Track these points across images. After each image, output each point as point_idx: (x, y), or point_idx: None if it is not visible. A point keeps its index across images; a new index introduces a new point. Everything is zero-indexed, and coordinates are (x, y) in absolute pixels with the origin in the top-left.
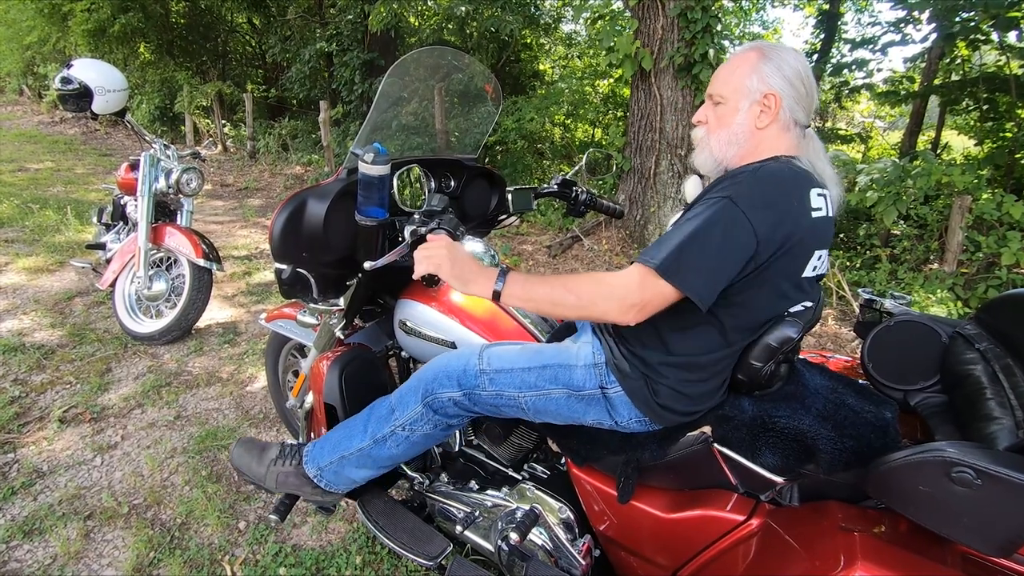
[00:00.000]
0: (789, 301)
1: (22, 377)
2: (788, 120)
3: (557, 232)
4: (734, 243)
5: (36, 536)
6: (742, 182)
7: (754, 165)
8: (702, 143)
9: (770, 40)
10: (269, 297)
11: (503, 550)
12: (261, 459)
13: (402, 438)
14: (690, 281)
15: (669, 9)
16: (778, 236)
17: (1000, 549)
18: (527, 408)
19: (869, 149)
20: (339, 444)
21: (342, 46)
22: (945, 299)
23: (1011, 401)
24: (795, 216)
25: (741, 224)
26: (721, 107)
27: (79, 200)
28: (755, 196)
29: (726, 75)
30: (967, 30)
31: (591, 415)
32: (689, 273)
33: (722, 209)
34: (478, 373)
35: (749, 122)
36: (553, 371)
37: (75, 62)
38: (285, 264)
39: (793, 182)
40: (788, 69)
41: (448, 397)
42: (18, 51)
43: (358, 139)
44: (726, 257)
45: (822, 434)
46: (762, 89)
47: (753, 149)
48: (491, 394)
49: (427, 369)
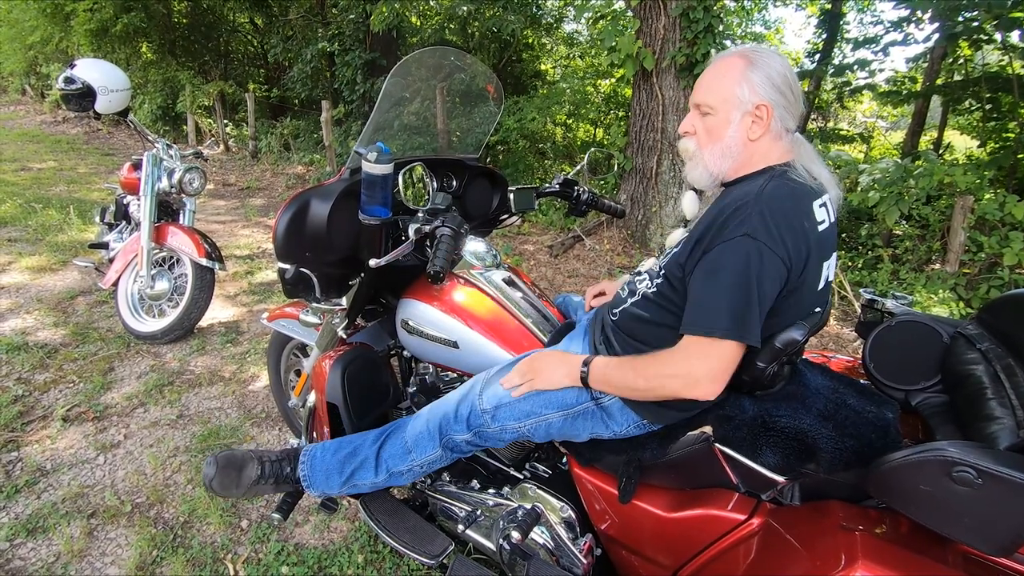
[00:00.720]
0: (806, 311)
1: (25, 376)
2: (780, 129)
3: (559, 232)
4: (768, 279)
5: (40, 534)
6: (751, 214)
7: (751, 188)
8: (695, 158)
9: (754, 44)
10: (271, 296)
11: (505, 549)
12: (240, 481)
13: (419, 472)
14: (751, 333)
15: (671, 9)
16: (801, 258)
17: (1001, 548)
18: (531, 434)
19: (871, 149)
20: (341, 472)
21: (344, 46)
22: (947, 299)
23: (1012, 401)
24: (807, 235)
25: (768, 258)
26: (710, 118)
27: (82, 199)
28: (770, 227)
29: (713, 83)
30: (970, 30)
31: (587, 429)
32: (748, 325)
33: (746, 250)
34: (480, 413)
35: (741, 134)
36: (544, 396)
37: (78, 62)
38: (288, 264)
39: (796, 201)
40: (776, 76)
41: (462, 439)
42: (21, 51)
43: (361, 139)
44: (766, 295)
45: (823, 434)
46: (754, 100)
47: (747, 161)
48: (496, 430)
49: (436, 413)
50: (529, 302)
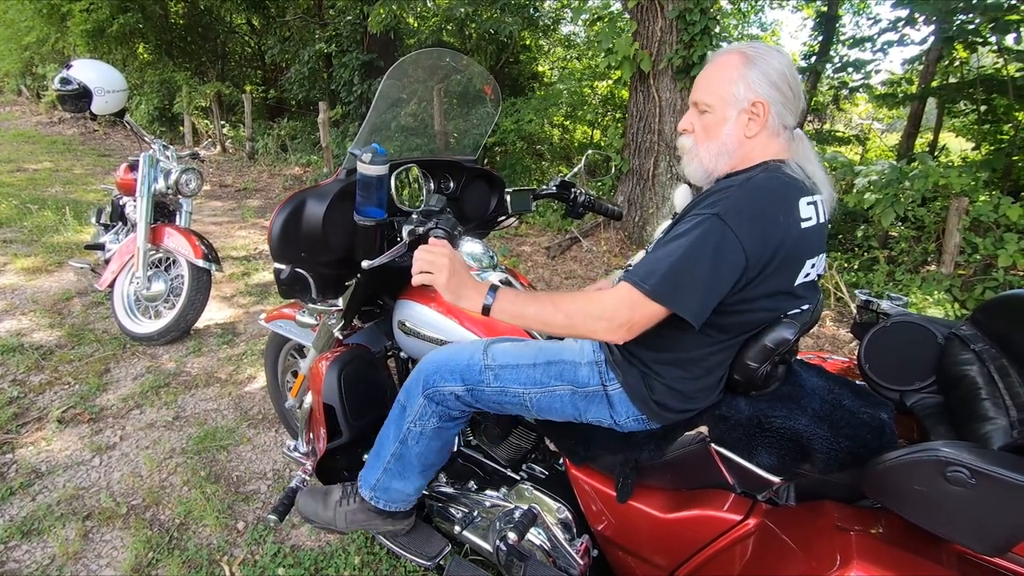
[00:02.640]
0: (783, 307)
1: (20, 377)
2: (777, 126)
3: (556, 233)
4: (724, 262)
5: (35, 536)
6: (730, 197)
7: (742, 176)
8: (691, 153)
9: (754, 41)
10: (268, 297)
11: (501, 550)
12: (326, 503)
13: (417, 434)
14: (682, 302)
15: (668, 11)
16: (768, 251)
17: (995, 548)
18: (531, 405)
19: (867, 151)
20: (378, 456)
21: (341, 47)
22: (942, 300)
23: (1006, 401)
24: (784, 229)
25: (730, 242)
26: (708, 116)
27: (78, 200)
28: (743, 212)
29: (710, 82)
30: (966, 32)
31: (592, 412)
32: (681, 294)
33: (711, 227)
34: (483, 369)
35: (738, 132)
36: (558, 367)
37: (74, 62)
38: (284, 264)
39: (781, 194)
40: (774, 73)
41: (450, 391)
42: (17, 51)
43: (357, 140)
44: (716, 276)
45: (818, 434)
46: (750, 97)
47: (743, 158)
48: (495, 390)
49: (427, 361)
50: None
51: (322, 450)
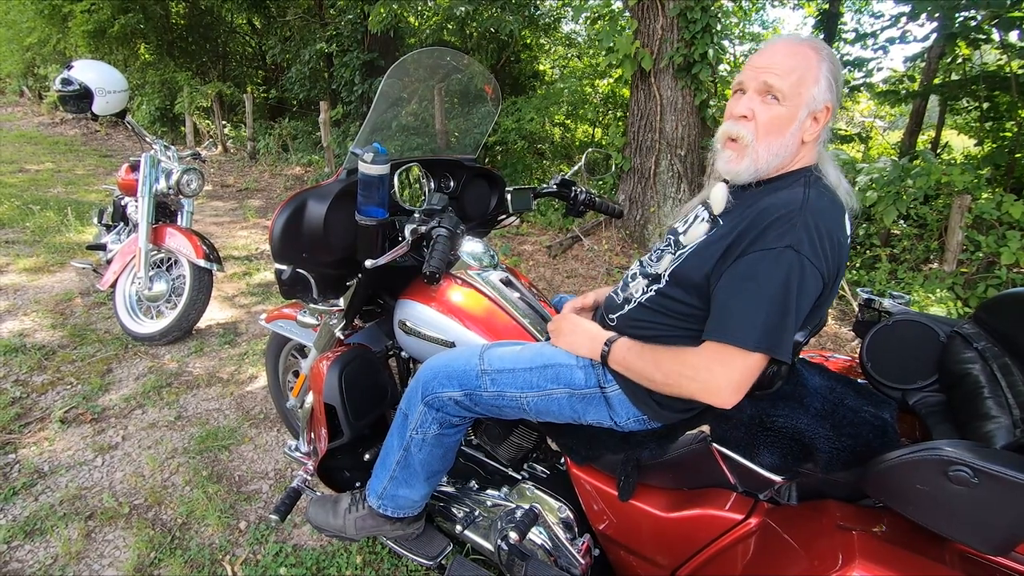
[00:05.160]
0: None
1: (23, 378)
2: (827, 133)
3: (557, 232)
4: (806, 295)
5: (37, 536)
6: (797, 226)
7: (795, 195)
8: (747, 150)
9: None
10: (269, 297)
11: (503, 549)
12: (336, 511)
13: (419, 442)
14: (783, 347)
15: (668, 9)
16: (835, 272)
17: (997, 547)
18: (529, 408)
19: (869, 149)
20: (384, 464)
21: (342, 47)
22: (945, 298)
23: (1008, 400)
24: (845, 248)
25: (809, 272)
26: (777, 108)
27: (79, 201)
28: (815, 241)
29: (790, 71)
30: (968, 29)
31: (591, 414)
32: (779, 340)
33: (790, 264)
34: (479, 374)
35: (799, 135)
36: (555, 371)
37: (75, 63)
38: (285, 264)
39: (836, 216)
40: (840, 79)
41: (448, 397)
42: (18, 52)
43: (358, 139)
44: (802, 308)
45: (820, 433)
46: (823, 101)
47: (790, 161)
48: (493, 395)
49: (426, 368)
50: (526, 302)
51: (323, 450)
